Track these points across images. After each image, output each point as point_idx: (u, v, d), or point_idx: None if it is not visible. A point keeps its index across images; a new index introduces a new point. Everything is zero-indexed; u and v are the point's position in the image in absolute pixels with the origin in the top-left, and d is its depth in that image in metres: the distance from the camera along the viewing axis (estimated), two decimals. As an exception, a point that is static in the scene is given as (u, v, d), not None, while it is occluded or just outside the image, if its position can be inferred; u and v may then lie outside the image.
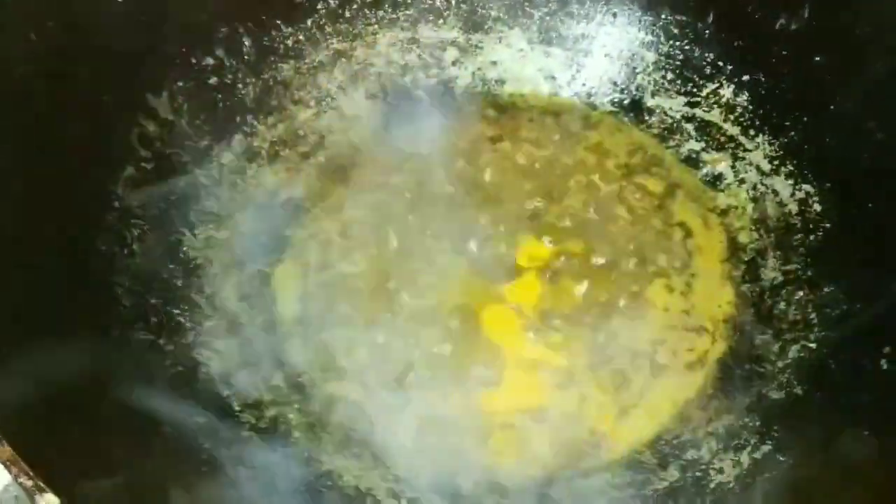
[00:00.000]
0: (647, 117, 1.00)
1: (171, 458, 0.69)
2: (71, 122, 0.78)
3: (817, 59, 0.87)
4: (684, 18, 0.97)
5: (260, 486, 0.71)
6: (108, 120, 0.81)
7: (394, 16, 1.00)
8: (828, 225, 0.85)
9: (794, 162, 0.90)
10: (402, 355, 0.83)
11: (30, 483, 0.53)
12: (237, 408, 0.77)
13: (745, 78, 0.94)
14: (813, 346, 0.79)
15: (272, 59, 0.95)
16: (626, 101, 1.01)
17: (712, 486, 0.72)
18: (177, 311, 0.80)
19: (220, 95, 0.91)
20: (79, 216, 0.77)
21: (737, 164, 0.94)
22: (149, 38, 0.85)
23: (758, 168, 0.92)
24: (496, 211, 0.92)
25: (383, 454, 0.78)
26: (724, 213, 0.93)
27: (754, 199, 0.92)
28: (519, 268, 0.88)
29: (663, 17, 0.98)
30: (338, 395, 0.81)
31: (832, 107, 0.86)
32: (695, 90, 0.98)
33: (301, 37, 0.97)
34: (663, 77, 0.99)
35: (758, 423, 0.75)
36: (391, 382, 0.82)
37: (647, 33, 1.00)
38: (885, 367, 0.71)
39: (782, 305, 0.83)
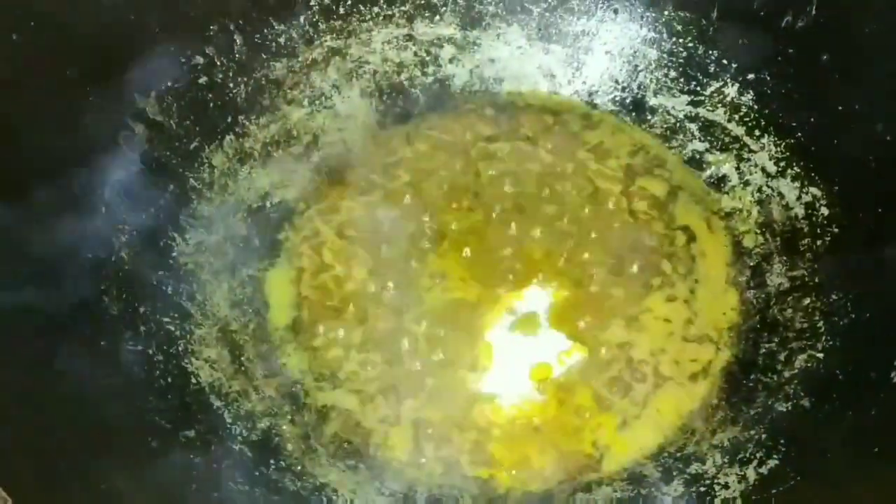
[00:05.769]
0: (649, 117, 0.97)
1: (159, 474, 0.67)
2: (55, 123, 0.76)
3: (824, 57, 0.85)
4: (688, 15, 0.95)
5: (252, 501, 0.69)
6: (94, 122, 0.79)
7: (389, 12, 0.98)
8: (836, 229, 0.83)
9: (801, 164, 0.88)
10: (399, 363, 0.81)
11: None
12: (228, 420, 0.75)
13: (751, 77, 0.92)
14: (820, 355, 0.76)
15: (264, 57, 0.93)
16: (627, 100, 0.98)
17: (717, 501, 0.70)
18: (166, 320, 0.78)
19: (210, 95, 0.89)
20: (65, 222, 0.75)
21: (741, 165, 0.92)
22: (136, 36, 0.83)
23: (763, 170, 0.90)
24: (494, 214, 0.90)
25: (379, 467, 0.76)
26: (728, 216, 0.90)
27: (759, 202, 0.90)
28: (518, 273, 0.86)
29: (666, 13, 0.96)
30: (332, 405, 0.79)
31: (840, 107, 0.84)
32: (698, 89, 0.95)
33: (294, 34, 0.94)
34: (666, 75, 0.97)
35: (764, 437, 0.73)
36: (387, 392, 0.80)
37: (649, 30, 0.97)
38: (895, 379, 0.68)
39: (789, 313, 0.81)
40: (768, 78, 0.91)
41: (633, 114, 0.98)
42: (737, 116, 0.93)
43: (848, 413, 0.70)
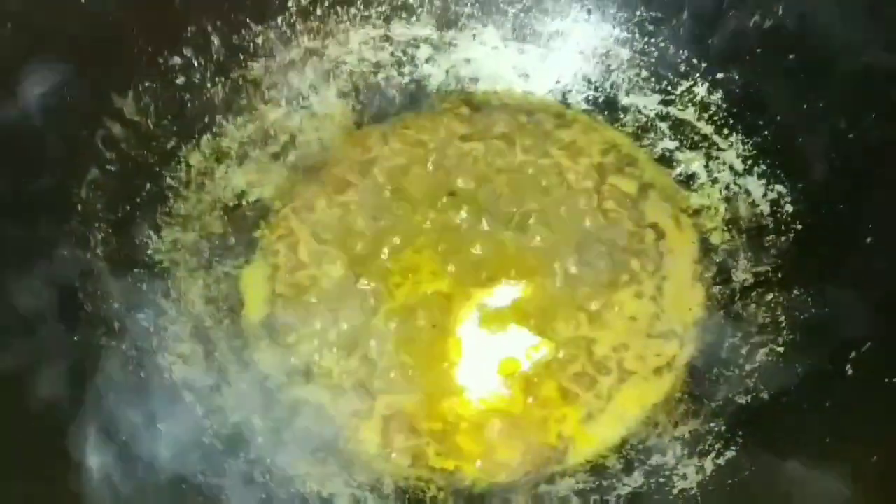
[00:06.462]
0: (621, 116, 0.99)
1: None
2: (32, 122, 0.77)
3: (790, 57, 0.86)
4: (659, 15, 0.96)
5: (221, 493, 0.71)
6: (72, 121, 0.80)
7: (366, 13, 0.99)
8: (799, 226, 0.84)
9: (767, 161, 0.89)
10: (370, 359, 0.82)
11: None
12: (200, 413, 0.76)
13: (720, 76, 0.93)
14: (780, 349, 0.78)
15: (241, 57, 0.94)
16: (600, 99, 1.00)
17: (675, 492, 0.72)
18: (141, 316, 0.79)
19: (187, 95, 0.90)
20: (41, 219, 0.76)
21: (710, 163, 0.93)
22: (114, 36, 0.84)
23: (731, 168, 0.92)
24: (468, 211, 0.91)
25: (348, 459, 0.77)
26: (696, 213, 0.92)
27: (727, 199, 0.91)
28: (489, 270, 0.87)
29: (638, 13, 0.97)
30: (303, 400, 0.81)
31: (805, 105, 0.85)
32: (669, 88, 0.97)
33: (271, 35, 0.95)
34: (638, 75, 0.98)
35: (723, 429, 0.75)
36: (358, 386, 0.81)
37: (621, 30, 0.99)
38: (850, 372, 0.70)
39: (752, 308, 0.83)
40: (736, 77, 0.92)
41: (606, 113, 0.99)
42: (706, 115, 0.94)
43: (804, 405, 0.72)
